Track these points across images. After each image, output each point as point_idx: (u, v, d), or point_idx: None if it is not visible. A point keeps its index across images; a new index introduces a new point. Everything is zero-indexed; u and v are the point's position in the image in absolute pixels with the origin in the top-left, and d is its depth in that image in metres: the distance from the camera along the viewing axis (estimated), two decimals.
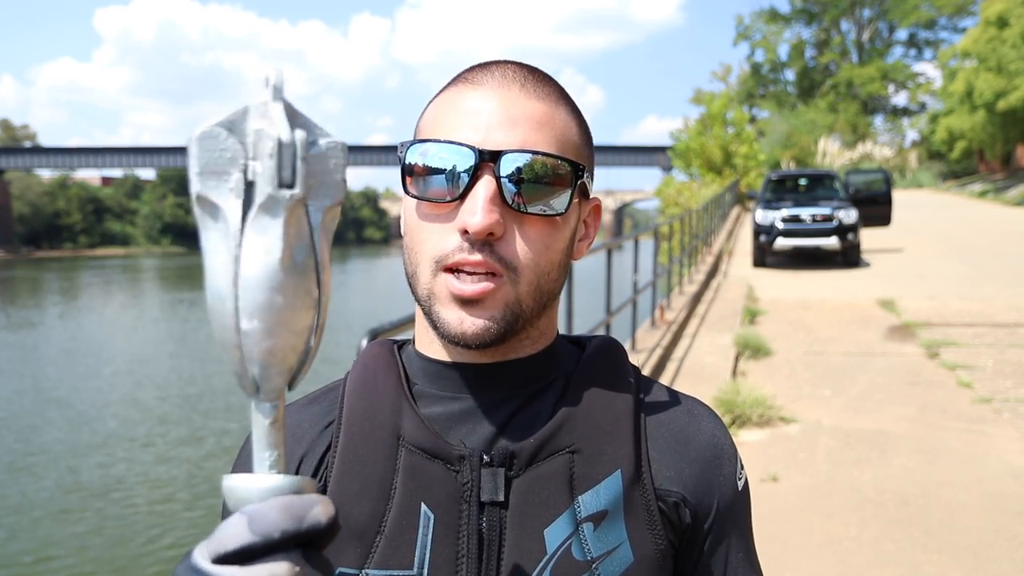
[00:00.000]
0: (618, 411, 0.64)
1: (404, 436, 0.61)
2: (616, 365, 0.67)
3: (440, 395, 0.64)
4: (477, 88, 0.61)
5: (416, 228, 0.61)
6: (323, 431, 0.65)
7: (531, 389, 0.64)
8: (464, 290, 0.58)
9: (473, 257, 0.57)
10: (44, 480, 8.12)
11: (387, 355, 0.67)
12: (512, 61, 0.64)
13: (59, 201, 69.52)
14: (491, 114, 0.59)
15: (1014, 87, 24.65)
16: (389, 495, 0.60)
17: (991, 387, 5.36)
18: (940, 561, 3.01)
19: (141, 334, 19.53)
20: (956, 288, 9.44)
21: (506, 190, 0.58)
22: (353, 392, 0.65)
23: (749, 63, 47.75)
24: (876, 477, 3.85)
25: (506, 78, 0.61)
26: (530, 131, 0.59)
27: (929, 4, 42.34)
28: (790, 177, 14.27)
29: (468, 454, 0.60)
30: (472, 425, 0.62)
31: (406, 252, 0.63)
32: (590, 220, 0.68)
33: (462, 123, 0.59)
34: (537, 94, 0.61)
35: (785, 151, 30.69)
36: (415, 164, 0.60)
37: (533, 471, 0.61)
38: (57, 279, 39.66)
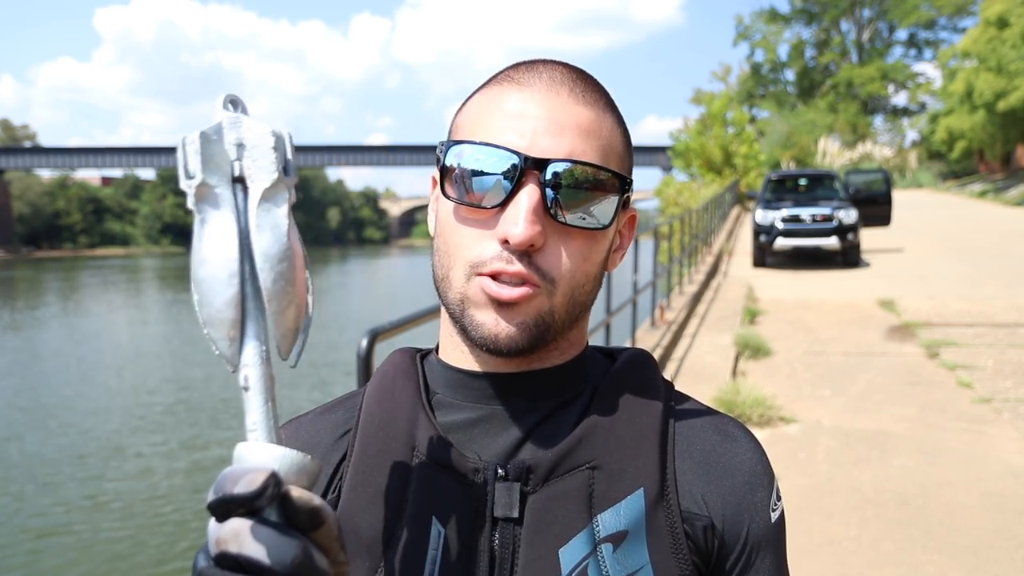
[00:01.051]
0: (643, 426, 0.61)
1: (418, 447, 0.60)
2: (646, 379, 0.64)
3: (461, 405, 0.62)
4: (523, 89, 0.58)
5: (452, 231, 0.58)
6: (339, 439, 0.64)
7: (556, 401, 0.62)
8: (502, 293, 0.56)
9: (512, 268, 0.55)
10: (43, 481, 8.08)
11: (408, 364, 0.65)
12: (560, 62, 0.61)
13: (59, 201, 69.52)
14: (538, 119, 0.57)
15: (1014, 87, 24.64)
16: (401, 507, 0.58)
17: (991, 387, 5.36)
18: (940, 561, 3.01)
19: (141, 334, 19.53)
20: (956, 288, 9.44)
21: (550, 200, 0.56)
22: (371, 401, 0.63)
23: (749, 63, 47.77)
24: (876, 477, 3.85)
25: (554, 81, 0.58)
26: (577, 139, 0.57)
27: (929, 4, 42.34)
28: (790, 177, 14.27)
29: (483, 467, 0.58)
30: (492, 437, 0.60)
31: (437, 255, 0.60)
32: (625, 230, 0.66)
33: (506, 126, 0.57)
34: (586, 100, 0.59)
35: (785, 151, 30.70)
36: (455, 165, 0.57)
37: (550, 487, 0.58)
38: (57, 279, 39.66)
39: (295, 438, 0.66)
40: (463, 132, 0.60)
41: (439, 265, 0.60)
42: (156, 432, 9.91)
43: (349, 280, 38.21)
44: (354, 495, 0.60)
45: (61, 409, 11.06)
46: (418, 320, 2.29)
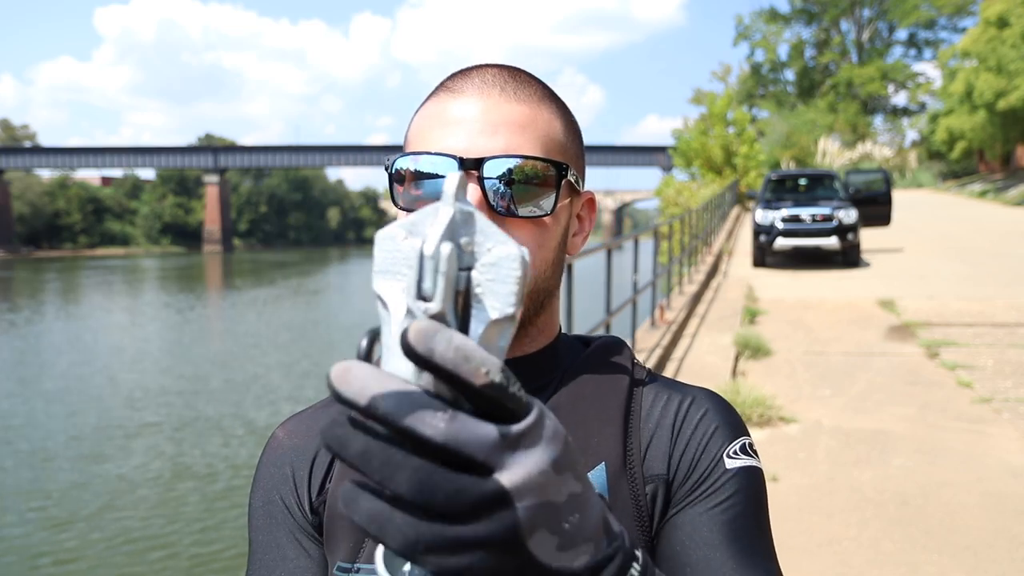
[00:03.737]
0: (608, 404, 0.63)
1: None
2: (612, 360, 0.67)
3: None
4: (458, 96, 0.61)
5: None
6: None
7: (531, 387, 0.63)
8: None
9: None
10: (40, 483, 8.08)
11: None
12: (493, 64, 0.64)
13: (59, 201, 69.51)
14: (474, 121, 0.60)
15: (1014, 87, 24.64)
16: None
17: (991, 387, 5.36)
18: (940, 561, 3.01)
19: (140, 334, 19.52)
20: (956, 288, 9.44)
21: (492, 196, 0.59)
22: None
23: (749, 63, 47.77)
24: (876, 477, 3.85)
25: (486, 83, 0.62)
26: (512, 135, 0.60)
27: (929, 4, 42.34)
28: (790, 177, 14.27)
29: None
30: None
31: None
32: (584, 214, 0.69)
33: (446, 133, 0.60)
34: (518, 96, 0.62)
35: (785, 151, 30.71)
36: (402, 177, 0.61)
37: None
38: (57, 279, 39.65)
39: (296, 433, 0.69)
40: (412, 146, 0.63)
41: None
42: (155, 431, 9.91)
43: (349, 280, 38.21)
44: (342, 481, 0.63)
45: (60, 409, 11.06)
46: None
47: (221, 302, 27.58)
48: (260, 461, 0.70)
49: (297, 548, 0.64)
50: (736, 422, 0.66)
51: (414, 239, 0.37)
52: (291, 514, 0.66)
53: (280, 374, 13.39)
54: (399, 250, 0.38)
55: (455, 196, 0.37)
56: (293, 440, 0.69)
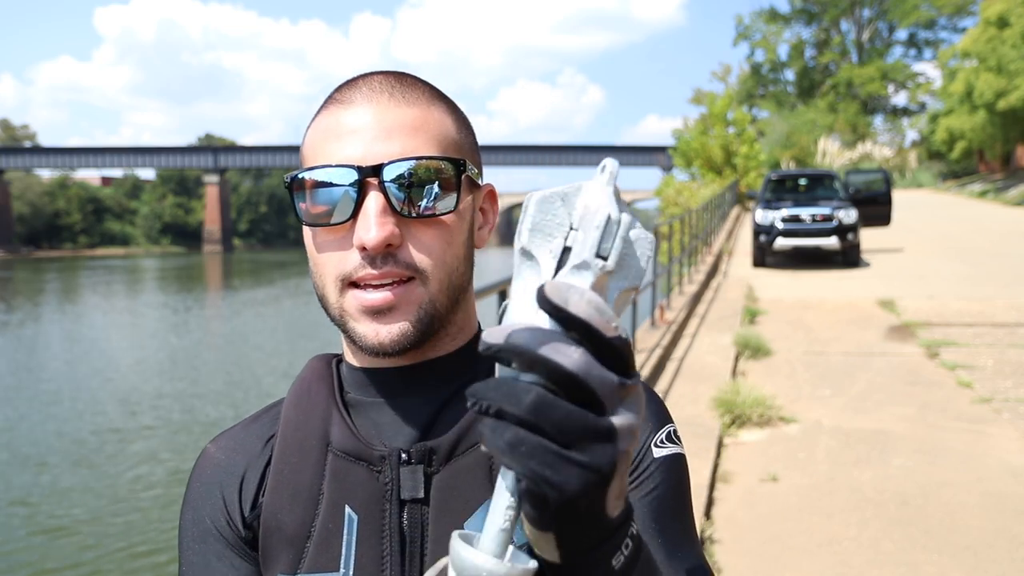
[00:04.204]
0: None
1: (332, 443, 0.63)
2: None
3: (371, 401, 0.66)
4: (348, 107, 0.62)
5: (317, 253, 0.63)
6: (264, 445, 0.68)
7: (455, 386, 0.65)
8: (375, 300, 0.60)
9: (377, 270, 0.60)
10: (35, 488, 7.99)
11: (323, 368, 0.69)
12: (378, 72, 0.65)
13: (59, 201, 69.50)
14: (367, 129, 0.61)
15: (1014, 87, 24.64)
16: (317, 500, 0.62)
17: (991, 387, 5.36)
18: (940, 561, 3.01)
19: (139, 336, 19.52)
20: (956, 288, 9.44)
21: (394, 200, 0.59)
22: (289, 406, 0.68)
23: (749, 63, 47.78)
24: (876, 477, 3.85)
25: (373, 91, 0.63)
26: (407, 138, 0.61)
27: (929, 4, 42.34)
28: (790, 177, 14.28)
29: (387, 454, 0.62)
30: (398, 426, 0.64)
31: (313, 276, 0.65)
32: (487, 206, 0.70)
33: (342, 144, 0.61)
34: (407, 100, 0.63)
35: (785, 151, 30.71)
36: (304, 193, 0.62)
37: (452, 466, 0.62)
38: (56, 279, 39.66)
39: (227, 448, 0.69)
40: (308, 162, 0.63)
41: (316, 286, 0.65)
42: (153, 434, 9.91)
43: None
44: (276, 495, 0.64)
45: (56, 411, 11.04)
46: None
47: (220, 302, 27.58)
48: (191, 477, 0.70)
49: (227, 567, 0.65)
50: (661, 411, 0.68)
51: (566, 207, 0.44)
52: (221, 533, 0.66)
53: (280, 375, 13.40)
54: (555, 214, 0.43)
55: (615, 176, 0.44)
56: (224, 456, 0.69)
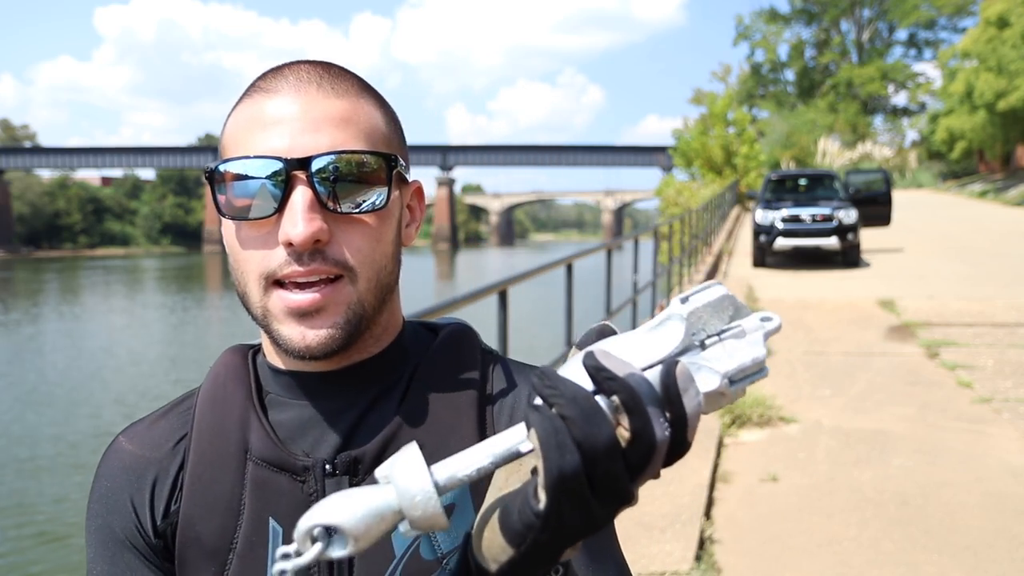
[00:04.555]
0: (461, 403, 0.62)
1: (251, 450, 0.60)
2: (462, 354, 0.65)
3: (291, 403, 0.62)
4: (274, 96, 0.59)
5: (238, 248, 0.59)
6: (175, 446, 0.64)
7: (379, 388, 0.63)
8: (302, 302, 0.57)
9: (304, 267, 0.56)
10: (32, 494, 7.82)
11: (239, 363, 0.65)
12: (305, 61, 0.62)
13: (59, 201, 69.53)
14: (293, 120, 0.57)
15: (1014, 87, 24.65)
16: (239, 511, 0.59)
17: (991, 387, 5.36)
18: (940, 561, 3.01)
19: (138, 337, 19.52)
20: (956, 288, 9.44)
21: (322, 194, 0.56)
22: (203, 405, 0.63)
23: (749, 63, 47.79)
24: (876, 477, 3.85)
25: (301, 80, 0.59)
26: (335, 131, 0.58)
27: (929, 4, 42.34)
28: (790, 177, 14.28)
29: (312, 464, 0.59)
30: (320, 433, 0.61)
31: (233, 273, 0.61)
32: (414, 204, 0.68)
33: (268, 134, 0.57)
34: (336, 91, 0.60)
35: (785, 151, 30.71)
36: (225, 185, 0.58)
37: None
38: (56, 279, 39.65)
39: (140, 443, 0.65)
40: (229, 152, 0.60)
41: (237, 283, 0.61)
42: None
43: None
44: (193, 504, 0.60)
45: (52, 415, 11.00)
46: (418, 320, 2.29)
47: (220, 303, 27.58)
48: (99, 471, 0.65)
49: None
50: None
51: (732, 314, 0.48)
52: (132, 543, 0.62)
53: None
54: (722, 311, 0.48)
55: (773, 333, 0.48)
56: (134, 454, 0.64)
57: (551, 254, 7.52)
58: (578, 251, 4.61)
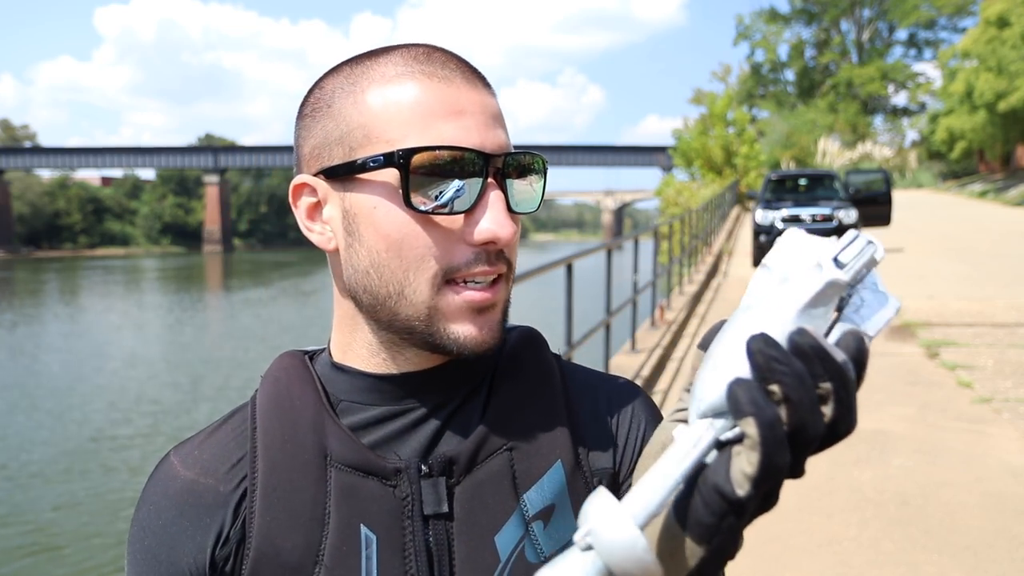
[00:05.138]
0: (548, 401, 0.62)
1: (332, 455, 0.57)
2: (540, 355, 0.65)
3: (368, 406, 0.59)
4: (449, 85, 0.55)
5: (411, 244, 0.55)
6: (234, 467, 0.58)
7: (464, 390, 0.61)
8: (484, 297, 0.56)
9: (492, 267, 0.56)
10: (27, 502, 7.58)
11: (300, 368, 0.62)
12: (435, 47, 0.59)
13: (59, 201, 69.55)
14: (476, 113, 0.56)
15: (1014, 87, 24.65)
16: (323, 521, 0.55)
17: (991, 387, 5.36)
18: (940, 561, 3.01)
19: (137, 338, 19.52)
20: (956, 288, 9.44)
21: (509, 193, 0.56)
22: (267, 413, 0.59)
23: (749, 63, 47.80)
24: (876, 477, 3.85)
25: (466, 71, 0.57)
26: (501, 128, 0.57)
27: (929, 4, 42.34)
28: (790, 177, 14.28)
29: (405, 466, 0.57)
30: (406, 434, 0.59)
31: (379, 271, 0.56)
32: None
33: (455, 125, 0.54)
34: (489, 87, 0.59)
35: (785, 151, 30.72)
36: (422, 175, 0.54)
37: (473, 476, 0.57)
38: (56, 279, 39.66)
39: (185, 474, 0.59)
40: (395, 133, 0.54)
41: (385, 283, 0.56)
42: (150, 442, 9.90)
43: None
44: (270, 518, 0.55)
45: (48, 419, 10.97)
46: None
47: (220, 303, 27.58)
48: (146, 497, 0.59)
49: None
50: (659, 412, 0.67)
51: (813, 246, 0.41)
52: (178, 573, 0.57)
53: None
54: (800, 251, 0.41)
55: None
56: (191, 475, 0.59)
57: (551, 254, 7.51)
58: (578, 251, 4.60)
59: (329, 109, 0.57)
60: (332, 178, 0.57)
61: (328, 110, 0.57)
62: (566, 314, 4.31)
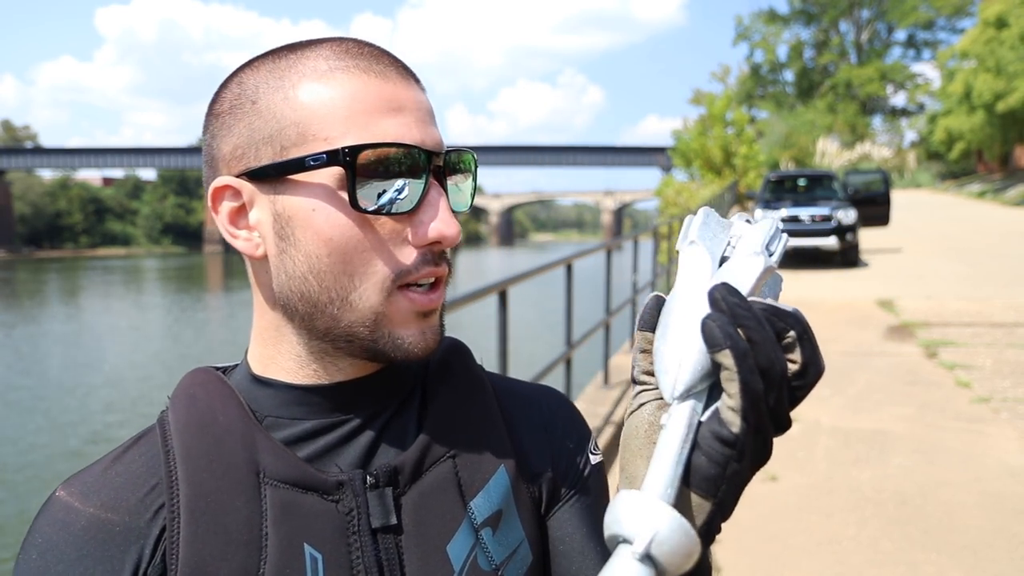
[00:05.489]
0: (484, 408, 0.61)
1: (265, 471, 0.52)
2: (468, 363, 0.64)
3: (297, 421, 0.55)
4: (386, 80, 0.53)
5: (359, 248, 0.52)
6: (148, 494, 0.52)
7: (397, 398, 0.59)
8: (432, 301, 0.54)
9: (438, 268, 0.54)
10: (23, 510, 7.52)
11: (218, 383, 0.57)
12: (365, 42, 0.56)
13: (60, 201, 69.56)
14: (414, 110, 0.53)
15: (1013, 88, 24.66)
16: (261, 544, 0.51)
17: (989, 387, 5.37)
18: (939, 560, 3.02)
19: (137, 338, 19.51)
20: (954, 288, 9.45)
21: (449, 192, 0.55)
22: (186, 433, 0.53)
23: (748, 64, 47.81)
24: (875, 476, 3.86)
25: (399, 67, 0.55)
26: (436, 126, 0.55)
27: (928, 5, 42.36)
28: (789, 177, 14.29)
29: (348, 478, 0.53)
30: (342, 448, 0.55)
31: (323, 276, 0.52)
32: None
33: (395, 121, 0.52)
34: (417, 80, 0.56)
35: (784, 152, 30.71)
36: (365, 174, 0.50)
37: (420, 485, 0.55)
38: (57, 279, 39.65)
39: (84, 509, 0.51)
40: (334, 130, 0.51)
41: (326, 289, 0.52)
42: None
43: None
44: (200, 546, 0.50)
45: (45, 422, 10.92)
46: None
47: (220, 303, 27.58)
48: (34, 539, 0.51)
49: None
50: (584, 420, 0.68)
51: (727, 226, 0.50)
52: None
53: None
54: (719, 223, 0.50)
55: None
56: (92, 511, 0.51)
57: (551, 254, 7.53)
58: (578, 251, 4.61)
59: (254, 106, 0.53)
60: (260, 180, 0.53)
61: (253, 107, 0.53)
62: (566, 314, 4.32)
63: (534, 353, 9.15)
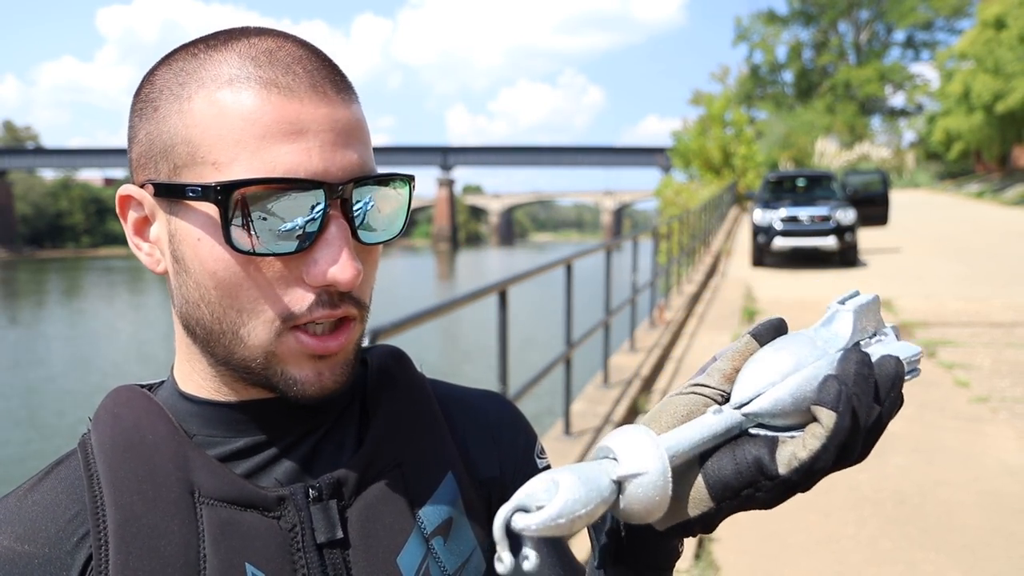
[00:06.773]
0: (427, 415, 0.59)
1: (200, 490, 0.49)
2: (409, 370, 0.62)
3: (229, 438, 0.52)
4: (290, 96, 0.46)
5: (243, 286, 0.47)
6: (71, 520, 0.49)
7: (334, 411, 0.56)
8: (329, 346, 0.49)
9: (338, 311, 0.48)
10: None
11: (144, 400, 0.53)
12: (288, 37, 0.50)
13: (61, 202, 69.56)
14: (321, 131, 0.46)
15: (1011, 88, 24.68)
16: (199, 566, 0.48)
17: (988, 386, 5.38)
18: (937, 559, 3.03)
19: (136, 339, 19.50)
20: (953, 288, 9.47)
21: (356, 225, 0.48)
22: (111, 454, 0.50)
23: (748, 64, 47.86)
24: (874, 476, 3.87)
25: (315, 77, 0.48)
26: (359, 145, 0.48)
27: (926, 5, 42.40)
28: (788, 178, 14.31)
29: (289, 493, 0.51)
30: (279, 462, 0.52)
31: (211, 307, 0.48)
32: None
33: (291, 148, 0.45)
34: (348, 92, 0.49)
35: (783, 152, 30.76)
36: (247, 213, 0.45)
37: (365, 496, 0.53)
38: (58, 279, 39.64)
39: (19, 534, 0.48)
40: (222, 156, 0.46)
41: (217, 320, 0.49)
42: None
43: None
44: (133, 571, 0.47)
45: (43, 424, 10.94)
46: (418, 320, 2.31)
47: None
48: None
49: None
50: (530, 424, 0.67)
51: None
52: None
53: None
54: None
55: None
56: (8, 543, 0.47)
57: (551, 254, 7.53)
58: (577, 251, 4.62)
59: (155, 112, 0.48)
60: (158, 195, 0.48)
61: (154, 113, 0.48)
62: (565, 314, 4.33)
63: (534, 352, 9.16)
